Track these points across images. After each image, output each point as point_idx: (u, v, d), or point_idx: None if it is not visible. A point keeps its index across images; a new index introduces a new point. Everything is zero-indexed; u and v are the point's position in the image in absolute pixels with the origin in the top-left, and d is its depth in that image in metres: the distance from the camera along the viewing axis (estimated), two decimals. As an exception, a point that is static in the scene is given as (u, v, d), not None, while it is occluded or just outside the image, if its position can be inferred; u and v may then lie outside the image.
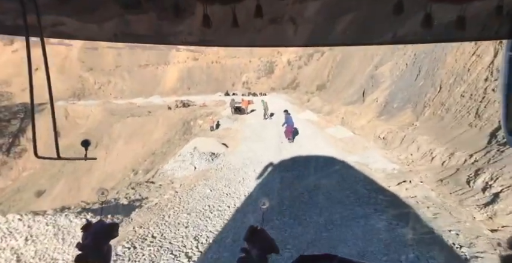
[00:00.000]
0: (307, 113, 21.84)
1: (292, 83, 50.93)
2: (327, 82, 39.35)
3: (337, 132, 14.43)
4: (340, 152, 10.40)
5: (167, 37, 1.13)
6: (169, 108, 38.05)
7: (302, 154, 10.34)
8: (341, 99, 27.81)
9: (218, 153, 10.89)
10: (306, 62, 51.30)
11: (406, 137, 12.74)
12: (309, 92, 41.92)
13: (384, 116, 16.58)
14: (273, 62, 58.20)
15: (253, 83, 58.06)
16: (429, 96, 14.05)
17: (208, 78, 60.51)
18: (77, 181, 33.04)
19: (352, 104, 22.59)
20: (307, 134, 13.68)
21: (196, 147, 11.32)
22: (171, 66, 61.14)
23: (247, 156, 10.37)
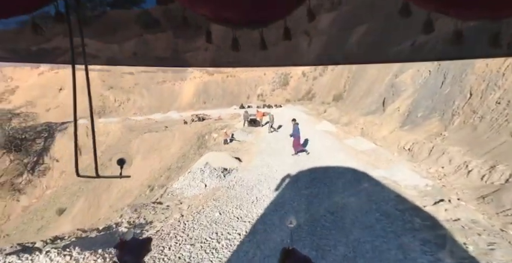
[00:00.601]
0: (325, 124, 21.00)
1: (308, 94, 50.22)
2: (343, 92, 38.41)
3: (358, 143, 13.52)
4: (363, 166, 9.52)
5: (184, 54, 1.16)
6: (185, 123, 38.25)
7: (321, 169, 9.55)
8: (359, 109, 26.79)
9: (231, 168, 10.29)
10: (321, 73, 50.66)
11: (434, 148, 11.68)
12: (325, 103, 41.03)
13: (407, 126, 15.52)
14: (288, 74, 57.97)
15: (268, 95, 57.82)
16: (458, 104, 12.98)
17: (223, 92, 60.97)
18: (96, 198, 33.29)
19: (372, 114, 21.56)
20: (325, 146, 12.86)
21: (208, 162, 10.79)
22: (187, 82, 62.23)
23: (262, 171, 9.70)
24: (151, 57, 1.09)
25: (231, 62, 1.22)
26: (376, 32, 1.09)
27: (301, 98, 51.53)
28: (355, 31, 1.08)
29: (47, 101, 52.90)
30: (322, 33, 0.94)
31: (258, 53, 1.07)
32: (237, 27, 0.79)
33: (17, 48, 1.02)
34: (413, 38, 1.09)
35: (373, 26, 1.04)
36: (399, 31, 1.08)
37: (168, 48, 1.09)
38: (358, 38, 1.11)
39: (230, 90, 60.95)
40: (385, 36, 1.11)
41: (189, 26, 0.77)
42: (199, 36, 0.98)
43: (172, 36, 1.00)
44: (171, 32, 0.98)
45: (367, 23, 1.01)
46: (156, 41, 0.96)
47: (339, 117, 29.45)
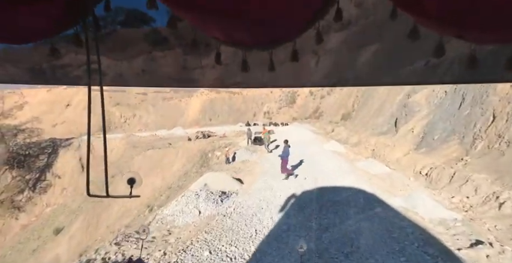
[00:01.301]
0: (333, 144, 19.99)
1: (315, 112, 49.53)
2: (352, 111, 37.58)
3: (370, 166, 12.48)
4: (377, 193, 8.48)
5: (192, 72, 1.17)
6: (189, 140, 37.62)
7: (330, 194, 8.54)
8: (369, 129, 25.79)
9: (230, 192, 9.34)
10: (329, 92, 50.22)
11: (456, 174, 10.57)
12: (333, 122, 40.14)
13: (423, 148, 14.46)
14: (295, 92, 57.66)
15: (275, 113, 57.28)
16: (480, 127, 11.97)
17: (229, 109, 60.76)
18: (95, 217, 32.22)
19: (383, 135, 20.54)
20: (334, 168, 11.85)
21: (206, 184, 9.89)
22: (193, 99, 62.39)
23: (264, 196, 8.72)
24: (159, 75, 1.09)
25: (238, 82, 1.23)
26: (385, 53, 1.09)
27: (308, 117, 50.80)
28: (364, 51, 1.08)
29: (53, 116, 53.24)
30: (330, 53, 0.92)
31: (266, 74, 1.08)
32: (247, 48, 0.80)
33: (33, 71, 1.04)
34: (425, 59, 1.10)
35: (383, 46, 1.04)
36: (410, 53, 1.08)
37: (176, 66, 1.11)
38: (368, 59, 1.10)
39: (236, 108, 60.74)
40: (395, 57, 1.12)
41: (198, 44, 0.79)
42: (207, 55, 1.02)
43: (181, 54, 1.04)
44: (180, 50, 1.02)
45: (376, 44, 1.02)
46: (165, 58, 0.98)
47: (347, 137, 28.41)
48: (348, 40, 0.90)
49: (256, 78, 1.15)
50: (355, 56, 1.09)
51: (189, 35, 0.90)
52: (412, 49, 1.03)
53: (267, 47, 0.79)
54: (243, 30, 0.67)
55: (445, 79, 1.19)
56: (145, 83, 1.20)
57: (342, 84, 1.45)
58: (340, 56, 1.01)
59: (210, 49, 0.95)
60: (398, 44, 1.02)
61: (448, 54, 0.80)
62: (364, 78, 1.30)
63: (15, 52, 0.94)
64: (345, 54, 1.02)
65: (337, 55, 1.01)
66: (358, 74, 1.25)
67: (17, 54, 0.95)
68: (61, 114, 55.15)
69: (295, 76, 1.19)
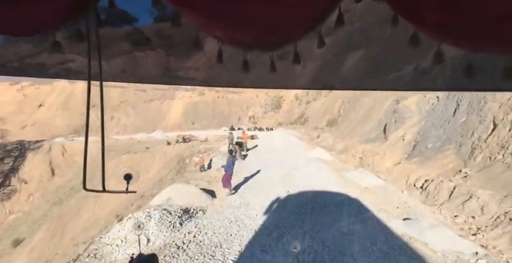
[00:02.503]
0: (319, 151, 18.65)
1: (301, 118, 48.55)
2: (337, 117, 36.71)
3: (360, 177, 11.15)
4: (372, 210, 7.08)
5: (175, 73, 1.16)
6: (169, 144, 35.56)
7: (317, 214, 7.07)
8: (356, 136, 24.75)
9: (197, 209, 7.71)
10: (315, 97, 49.42)
11: (456, 189, 9.36)
12: (319, 128, 39.17)
13: (415, 158, 13.32)
14: (280, 97, 56.56)
15: (260, 117, 55.89)
16: (478, 136, 10.89)
17: (213, 113, 58.92)
18: (61, 226, 29.43)
19: (372, 142, 19.44)
20: (321, 179, 10.42)
21: (170, 198, 8.25)
22: (176, 101, 60.16)
23: (236, 215, 7.16)
24: (140, 75, 1.06)
25: (222, 81, 1.23)
26: (372, 58, 1.11)
27: (293, 122, 49.74)
28: (350, 56, 1.09)
29: (23, 117, 49.62)
30: (316, 57, 0.92)
31: (251, 75, 1.06)
32: (248, 49, 0.81)
33: (33, 64, 1.05)
34: (413, 65, 1.10)
35: (370, 51, 1.06)
36: (397, 58, 1.09)
37: (158, 67, 1.09)
38: (354, 63, 1.11)
39: (221, 111, 58.97)
40: (383, 62, 1.13)
41: (184, 45, 0.80)
42: (191, 56, 1.03)
43: (164, 54, 1.03)
44: (163, 51, 1.01)
45: (363, 48, 1.03)
46: (146, 58, 0.95)
47: (333, 144, 27.28)
48: (334, 44, 0.89)
49: (240, 79, 1.14)
50: (341, 60, 1.09)
51: (174, 35, 0.92)
52: (400, 54, 1.04)
53: (268, 49, 0.79)
54: (245, 32, 0.68)
55: (436, 86, 1.22)
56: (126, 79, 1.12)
57: (328, 88, 1.44)
58: (327, 60, 0.99)
59: (195, 50, 0.96)
60: (386, 49, 1.02)
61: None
62: (351, 82, 1.29)
63: (15, 44, 0.94)
64: (331, 59, 1.00)
65: (323, 59, 0.99)
66: (345, 78, 1.23)
67: (17, 47, 0.95)
68: (32, 115, 51.60)
69: (282, 78, 1.16)
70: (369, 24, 0.90)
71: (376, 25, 0.91)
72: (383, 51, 1.06)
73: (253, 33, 0.69)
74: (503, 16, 0.52)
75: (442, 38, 0.64)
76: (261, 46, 0.77)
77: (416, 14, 0.58)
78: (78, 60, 0.99)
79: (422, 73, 1.14)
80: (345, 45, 0.91)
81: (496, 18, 0.52)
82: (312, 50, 0.92)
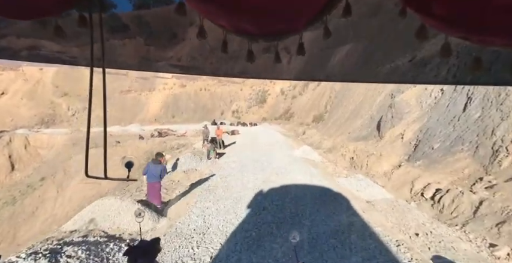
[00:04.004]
0: (305, 150, 16.45)
1: (286, 113, 46.46)
2: (324, 113, 34.83)
3: (357, 186, 9.01)
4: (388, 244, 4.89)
5: (153, 63, 1.12)
6: (141, 138, 32.63)
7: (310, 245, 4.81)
8: (345, 133, 22.81)
9: (121, 240, 5.27)
10: (301, 92, 47.40)
11: (484, 204, 7.34)
12: (304, 124, 37.20)
13: (419, 160, 11.33)
14: (266, 91, 54.15)
15: (244, 112, 53.32)
16: (501, 135, 8.94)
17: (195, 106, 55.83)
18: (13, 230, 26.07)
19: (364, 140, 17.47)
20: (311, 188, 8.19)
21: (94, 219, 5.79)
22: (155, 93, 56.54)
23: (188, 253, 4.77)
24: (117, 63, 1.01)
25: (206, 71, 1.19)
26: (363, 49, 1.09)
27: (278, 117, 47.62)
28: (339, 48, 1.08)
29: (-18, 105, 44.96)
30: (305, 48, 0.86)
31: (236, 65, 1.09)
32: (253, 39, 0.80)
33: (34, 48, 1.03)
34: (409, 56, 1.09)
35: (360, 42, 1.05)
36: (391, 49, 1.08)
37: (136, 56, 1.05)
38: (344, 55, 1.10)
39: (203, 105, 55.94)
40: (375, 53, 1.12)
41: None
42: (172, 46, 1.00)
43: (142, 43, 0.99)
44: (142, 40, 0.97)
45: (353, 39, 1.02)
46: (123, 47, 0.91)
47: (320, 141, 25.27)
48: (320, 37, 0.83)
49: (225, 69, 1.14)
50: (330, 52, 1.07)
51: (154, 23, 0.88)
52: (394, 45, 1.03)
53: (273, 39, 0.79)
54: (249, 21, 0.67)
55: (438, 79, 1.15)
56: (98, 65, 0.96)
57: (316, 79, 1.43)
58: (315, 51, 0.95)
59: (177, 39, 0.94)
60: (378, 40, 1.02)
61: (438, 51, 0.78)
62: (341, 74, 1.25)
63: (18, 28, 0.90)
64: (318, 52, 0.97)
65: (311, 51, 0.93)
66: (334, 70, 1.22)
67: (19, 30, 0.91)
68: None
69: (266, 69, 1.14)
70: (360, 16, 0.84)
71: (367, 16, 0.86)
72: (374, 42, 1.02)
73: (257, 22, 0.68)
74: None
75: (450, 31, 0.63)
76: (265, 36, 0.76)
77: (423, 6, 0.57)
78: (79, 46, 0.96)
79: (421, 65, 1.10)
80: (334, 36, 0.80)
81: (506, 12, 0.51)
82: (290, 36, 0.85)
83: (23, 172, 37.09)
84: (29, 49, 1.00)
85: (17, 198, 28.62)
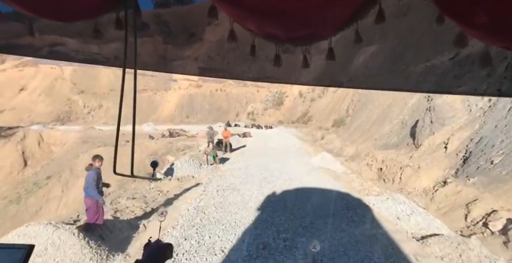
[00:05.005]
0: (324, 157, 14.15)
1: (304, 116, 44.13)
2: (346, 117, 32.24)
3: (398, 211, 6.72)
4: None
5: (170, 62, 1.12)
6: (152, 138, 31.31)
7: None
8: (370, 139, 20.29)
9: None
10: (321, 95, 44.94)
11: None
12: (323, 128, 34.73)
13: (474, 177, 8.84)
14: (283, 93, 52.02)
15: (260, 114, 51.40)
16: None
17: (210, 107, 54.52)
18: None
19: (395, 149, 14.97)
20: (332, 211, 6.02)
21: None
22: (171, 93, 55.80)
23: None
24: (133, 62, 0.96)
25: (221, 73, 1.18)
26: (389, 54, 1.02)
27: (295, 121, 45.33)
28: (362, 52, 1.02)
29: (2, 101, 45.44)
30: (323, 52, 0.85)
31: (253, 67, 1.06)
32: (280, 43, 0.78)
33: (72, 48, 1.05)
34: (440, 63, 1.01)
35: (384, 47, 0.98)
36: (419, 54, 1.00)
37: (154, 55, 1.05)
38: (366, 60, 1.04)
39: (218, 106, 54.52)
40: (401, 59, 1.03)
41: (182, 33, 0.73)
42: (190, 45, 0.99)
43: (161, 42, 0.99)
44: (160, 38, 0.98)
45: (376, 44, 0.96)
46: (142, 45, 0.89)
47: (341, 147, 22.80)
48: (345, 39, 0.79)
49: (240, 71, 1.10)
50: (352, 56, 1.00)
51: (173, 22, 0.88)
52: (423, 51, 0.95)
53: (301, 44, 0.76)
54: (278, 26, 0.66)
55: (466, 89, 1.05)
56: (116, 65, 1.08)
57: (336, 85, 1.41)
58: (336, 53, 0.85)
59: (195, 38, 0.94)
60: (405, 45, 0.95)
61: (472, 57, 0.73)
62: (362, 80, 1.18)
63: (58, 29, 0.91)
64: (340, 54, 0.86)
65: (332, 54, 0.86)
66: (355, 75, 1.15)
67: (59, 32, 0.93)
68: (12, 99, 47.48)
69: (285, 73, 1.09)
70: (387, 15, 0.78)
71: (393, 18, 0.81)
72: (404, 42, 0.95)
73: (287, 27, 0.67)
74: None
75: (491, 41, 0.60)
76: (294, 41, 0.74)
77: (464, 15, 0.55)
78: (112, 47, 0.96)
79: (450, 73, 1.00)
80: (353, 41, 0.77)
81: None
82: (319, 44, 0.84)
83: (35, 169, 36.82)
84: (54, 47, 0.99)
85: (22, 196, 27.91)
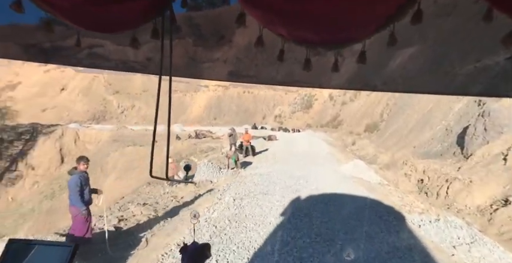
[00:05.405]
0: (357, 165, 12.86)
1: (334, 120, 42.30)
2: (380, 122, 30.18)
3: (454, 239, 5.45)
4: None
5: (199, 64, 1.15)
6: (178, 138, 31.48)
7: None
8: (408, 146, 18.47)
9: None
10: (353, 98, 42.85)
11: None
12: (355, 133, 32.84)
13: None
14: (312, 96, 50.37)
15: (287, 117, 50.19)
16: None
17: (237, 109, 54.32)
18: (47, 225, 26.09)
19: (439, 158, 13.26)
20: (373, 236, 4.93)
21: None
22: (199, 94, 56.44)
23: None
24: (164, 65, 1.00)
25: (249, 76, 1.19)
26: (427, 56, 0.98)
27: (324, 125, 43.59)
28: (398, 54, 0.98)
29: (45, 100, 48.48)
30: (356, 54, 0.80)
31: (281, 70, 1.03)
32: (311, 47, 0.76)
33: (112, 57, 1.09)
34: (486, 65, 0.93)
35: (424, 48, 0.94)
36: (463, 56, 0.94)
37: (184, 57, 1.07)
38: (403, 62, 0.99)
39: (245, 108, 54.16)
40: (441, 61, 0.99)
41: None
42: (219, 47, 1.01)
43: (191, 44, 1.01)
44: (191, 40, 1.00)
45: (415, 46, 0.91)
46: (173, 47, 0.90)
47: (374, 154, 21.07)
48: (380, 40, 0.76)
49: (268, 75, 1.09)
50: (387, 58, 0.97)
51: (204, 25, 0.91)
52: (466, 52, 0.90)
53: (334, 47, 0.75)
54: (310, 30, 0.65)
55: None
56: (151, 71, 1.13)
57: (369, 89, 1.34)
58: (370, 54, 0.82)
59: (224, 41, 0.97)
60: (449, 45, 0.91)
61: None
62: (398, 83, 1.14)
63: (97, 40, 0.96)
64: (374, 56, 0.83)
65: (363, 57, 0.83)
66: (390, 78, 1.10)
67: (98, 42, 0.97)
68: (54, 98, 50.54)
69: (314, 76, 1.07)
70: (428, 15, 0.74)
71: (433, 19, 0.77)
72: (444, 47, 0.91)
73: (320, 32, 0.65)
74: None
75: None
76: (326, 44, 0.73)
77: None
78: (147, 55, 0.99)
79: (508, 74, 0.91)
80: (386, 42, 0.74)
81: None
82: (352, 47, 0.80)
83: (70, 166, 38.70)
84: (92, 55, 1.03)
85: (56, 192, 29.11)
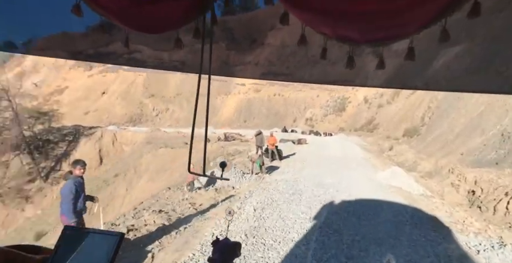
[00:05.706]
0: (395, 172, 11.66)
1: (369, 124, 40.05)
2: (421, 126, 27.87)
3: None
4: None
5: (231, 67, 1.17)
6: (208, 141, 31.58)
7: None
8: (454, 153, 16.56)
9: None
10: (390, 100, 40.35)
11: None
12: (392, 138, 30.67)
13: None
14: (346, 98, 48.32)
15: (319, 120, 48.59)
16: None
17: (268, 112, 53.81)
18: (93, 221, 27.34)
19: (493, 167, 11.58)
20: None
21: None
22: (230, 97, 56.85)
23: None
24: (197, 67, 1.02)
25: (283, 76, 1.19)
26: (474, 54, 0.92)
27: (359, 129, 41.47)
28: (443, 52, 0.94)
29: (88, 103, 51.83)
30: (395, 52, 0.78)
31: (315, 69, 1.03)
32: (356, 45, 0.76)
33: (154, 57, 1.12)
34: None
35: (471, 46, 0.89)
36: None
37: (217, 61, 1.06)
38: (448, 60, 0.94)
39: (275, 111, 53.46)
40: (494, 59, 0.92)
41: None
42: (251, 50, 1.04)
43: (224, 48, 1.03)
44: (224, 44, 1.03)
45: (462, 44, 0.87)
46: (206, 51, 0.92)
47: (414, 160, 19.26)
48: (422, 37, 0.72)
49: (302, 74, 1.09)
50: (430, 57, 0.92)
51: (236, 29, 0.93)
52: None
53: (379, 45, 0.74)
54: (356, 28, 0.63)
55: None
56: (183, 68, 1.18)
57: (408, 87, 1.29)
58: None
59: (256, 44, 0.99)
60: (502, 42, 0.86)
61: None
62: (445, 79, 1.08)
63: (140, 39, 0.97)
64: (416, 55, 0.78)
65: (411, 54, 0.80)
66: (433, 77, 1.05)
67: (142, 41, 0.99)
68: (95, 101, 53.82)
69: (349, 74, 1.06)
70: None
71: (485, 15, 0.71)
72: (495, 45, 0.86)
73: (365, 30, 0.63)
74: None
75: None
76: (371, 42, 0.71)
77: None
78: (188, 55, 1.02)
79: None
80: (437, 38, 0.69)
81: None
82: (391, 46, 0.79)
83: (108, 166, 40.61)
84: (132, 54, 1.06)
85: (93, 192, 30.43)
